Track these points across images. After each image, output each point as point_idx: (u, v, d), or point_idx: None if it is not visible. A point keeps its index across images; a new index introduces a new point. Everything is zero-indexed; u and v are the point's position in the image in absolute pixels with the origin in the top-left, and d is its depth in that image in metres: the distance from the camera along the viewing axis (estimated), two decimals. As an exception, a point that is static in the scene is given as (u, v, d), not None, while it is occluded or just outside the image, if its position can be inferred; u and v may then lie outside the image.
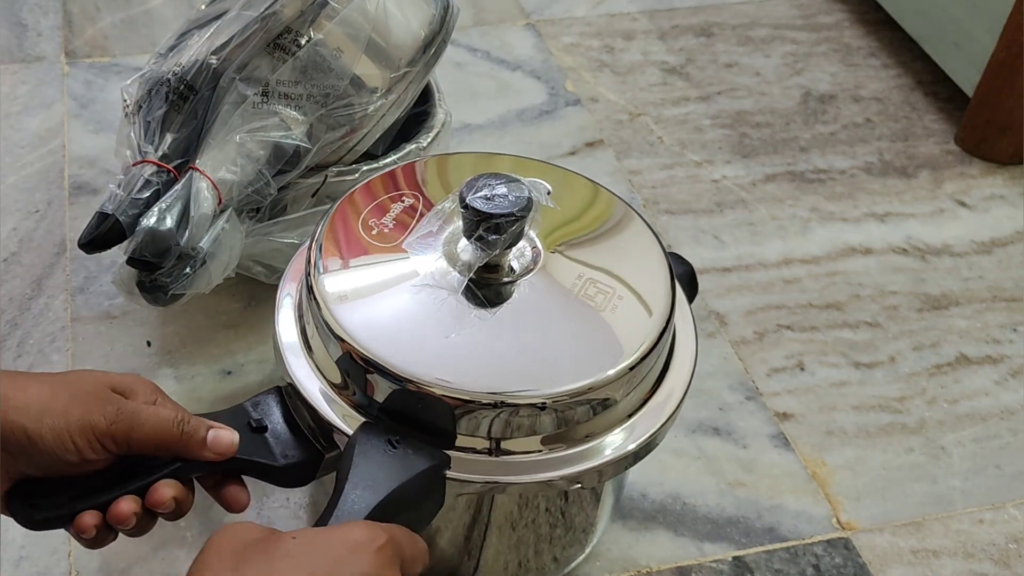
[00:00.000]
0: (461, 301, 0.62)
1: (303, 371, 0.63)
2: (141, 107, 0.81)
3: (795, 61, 1.25)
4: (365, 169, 0.83)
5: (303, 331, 0.65)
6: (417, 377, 0.58)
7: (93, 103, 1.11)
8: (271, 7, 0.79)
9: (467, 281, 0.62)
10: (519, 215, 0.61)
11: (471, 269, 0.62)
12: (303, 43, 0.79)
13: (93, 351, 0.87)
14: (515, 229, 0.61)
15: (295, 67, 0.79)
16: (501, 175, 0.62)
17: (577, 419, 0.60)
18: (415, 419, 0.59)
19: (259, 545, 0.50)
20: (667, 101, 1.18)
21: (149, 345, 0.88)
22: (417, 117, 0.89)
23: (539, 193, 0.62)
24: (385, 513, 0.55)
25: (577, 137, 1.12)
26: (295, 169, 0.81)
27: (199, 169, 0.78)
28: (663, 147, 1.12)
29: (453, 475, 0.59)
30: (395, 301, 0.63)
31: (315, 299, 0.62)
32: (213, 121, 0.79)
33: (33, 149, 1.05)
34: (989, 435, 0.87)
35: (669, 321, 0.63)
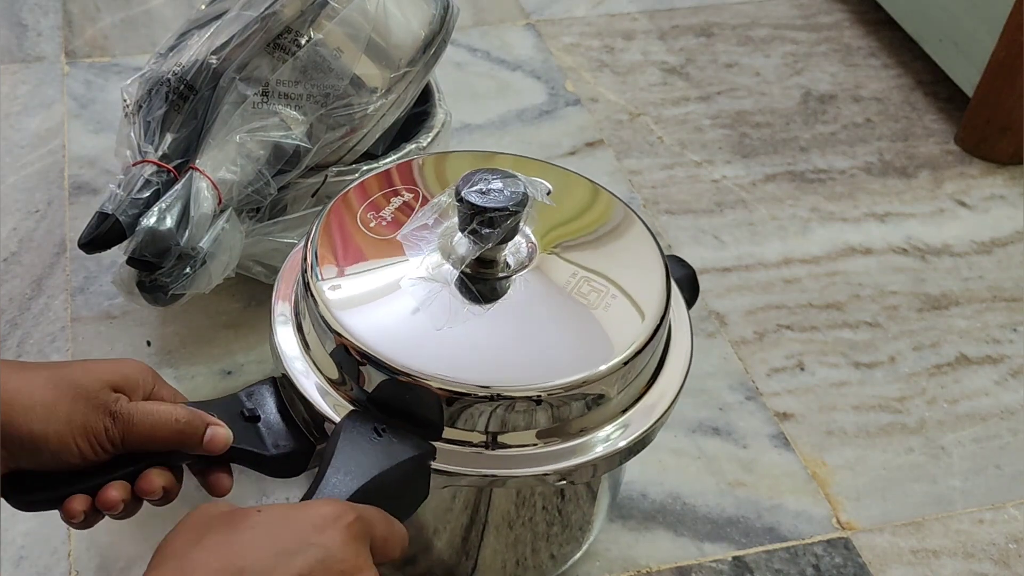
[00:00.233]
0: (454, 294, 0.62)
1: (298, 364, 0.63)
2: (141, 107, 0.81)
3: (795, 61, 1.25)
4: (365, 169, 0.83)
5: (299, 327, 0.65)
6: (404, 367, 0.58)
7: (93, 103, 1.11)
8: (271, 7, 0.79)
9: (459, 274, 0.62)
10: (513, 210, 0.61)
11: (464, 262, 0.62)
12: (303, 43, 0.79)
13: (93, 351, 0.87)
14: (509, 224, 0.61)
15: (295, 67, 0.79)
16: (498, 171, 0.63)
17: (569, 415, 0.60)
18: (402, 409, 0.59)
19: (224, 517, 0.50)
20: (667, 101, 1.18)
21: (149, 345, 0.88)
22: (417, 117, 0.89)
23: (536, 190, 0.63)
24: (365, 499, 0.55)
25: (577, 137, 1.12)
26: (295, 169, 0.81)
27: (199, 169, 0.78)
28: (663, 147, 1.12)
29: (439, 466, 0.59)
30: (388, 293, 0.63)
31: (310, 291, 0.62)
32: (213, 121, 0.79)
33: (33, 149, 1.05)
34: (989, 435, 0.87)
35: (663, 319, 0.63)
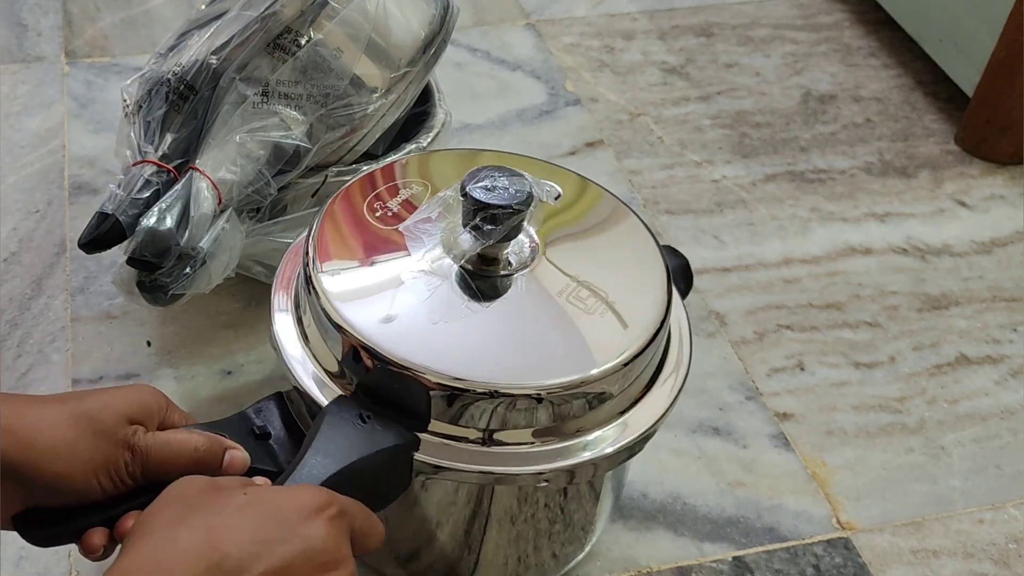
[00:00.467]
0: (454, 289, 0.62)
1: (296, 353, 0.64)
2: (141, 107, 0.81)
3: (795, 61, 1.25)
4: (365, 169, 0.83)
5: (299, 319, 0.65)
6: (395, 356, 0.58)
7: (93, 103, 1.11)
8: (271, 7, 0.79)
9: (460, 269, 0.62)
10: (517, 208, 0.61)
11: (465, 257, 0.62)
12: (303, 43, 0.79)
13: (93, 351, 0.87)
14: (512, 222, 0.61)
15: (295, 67, 0.79)
16: (505, 168, 0.63)
17: (565, 415, 0.60)
18: (390, 399, 0.59)
19: (208, 495, 0.50)
20: (667, 101, 1.18)
21: (149, 345, 0.88)
22: (417, 117, 0.89)
23: (541, 190, 0.63)
24: (342, 484, 0.55)
25: (577, 137, 1.12)
26: (295, 169, 0.81)
27: (199, 169, 0.78)
28: (663, 147, 1.12)
29: (421, 458, 0.59)
30: (388, 285, 0.63)
31: (309, 281, 0.63)
32: (213, 121, 0.79)
33: (33, 149, 1.05)
34: (989, 435, 0.87)
35: (663, 323, 0.63)
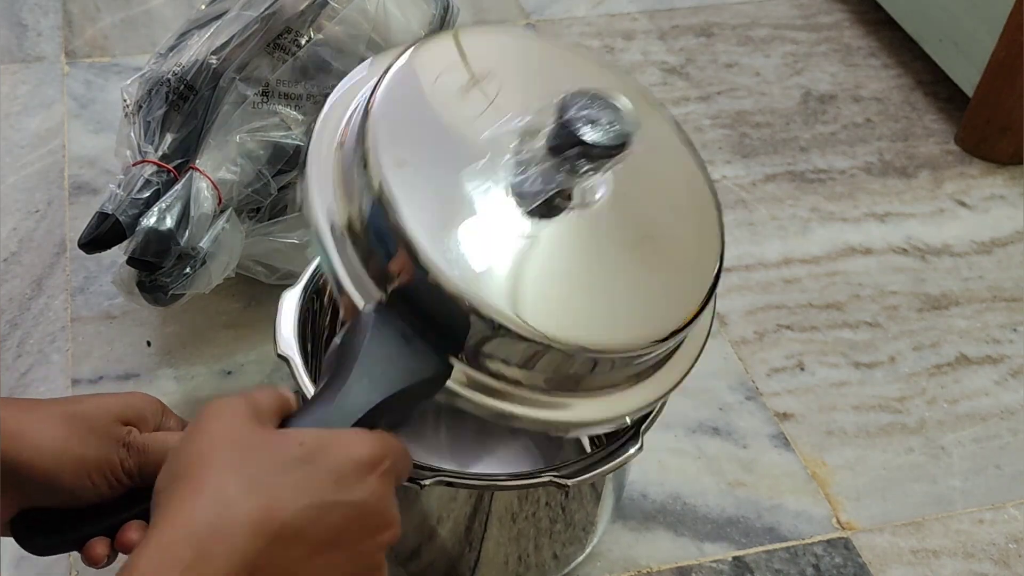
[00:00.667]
0: (518, 213, 0.56)
1: (331, 243, 0.56)
2: (141, 107, 0.81)
3: (795, 61, 1.25)
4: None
5: (345, 194, 0.57)
6: (449, 276, 0.52)
7: (93, 103, 1.11)
8: (271, 7, 0.79)
9: (535, 195, 0.55)
10: (613, 152, 0.54)
11: (546, 190, 0.55)
12: (303, 43, 0.79)
13: (93, 351, 0.87)
14: (608, 164, 0.55)
15: (295, 67, 0.79)
16: (610, 100, 0.55)
17: (592, 370, 0.56)
18: (430, 318, 0.53)
19: (264, 444, 0.47)
20: (667, 101, 1.18)
21: (149, 345, 0.88)
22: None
23: (643, 133, 0.56)
24: (376, 414, 0.50)
25: (577, 137, 1.12)
26: (295, 169, 0.81)
27: (199, 169, 0.78)
28: (663, 147, 1.12)
29: (454, 388, 0.54)
30: (453, 193, 0.56)
31: (367, 165, 0.54)
32: (213, 121, 0.79)
33: (33, 149, 1.05)
34: (989, 435, 0.87)
35: (712, 293, 0.59)
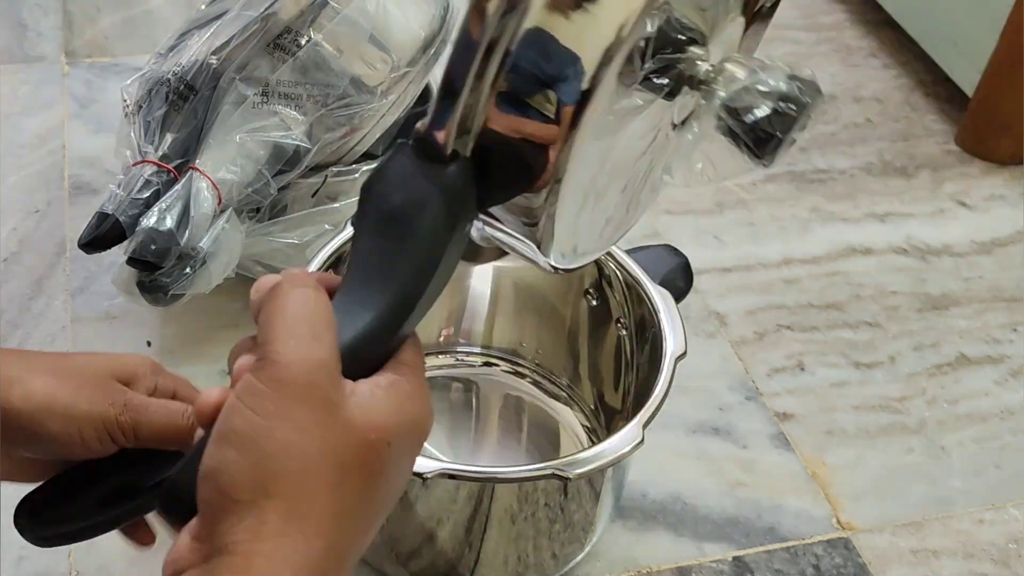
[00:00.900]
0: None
1: None
2: (141, 107, 0.81)
3: (795, 61, 1.25)
4: (365, 169, 0.83)
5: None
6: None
7: (93, 103, 1.11)
8: (271, 7, 0.79)
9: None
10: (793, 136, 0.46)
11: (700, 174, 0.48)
12: (303, 43, 0.79)
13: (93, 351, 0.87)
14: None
15: (295, 67, 0.79)
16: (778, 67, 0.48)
17: None
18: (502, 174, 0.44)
19: (357, 453, 0.42)
20: (667, 101, 1.18)
21: (149, 345, 0.88)
22: (417, 117, 0.89)
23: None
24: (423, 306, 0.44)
25: (577, 137, 1.12)
26: (295, 169, 0.81)
27: (199, 169, 0.78)
28: (663, 147, 1.12)
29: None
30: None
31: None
32: (213, 121, 0.79)
33: (33, 149, 1.05)
34: (989, 435, 0.87)
35: None
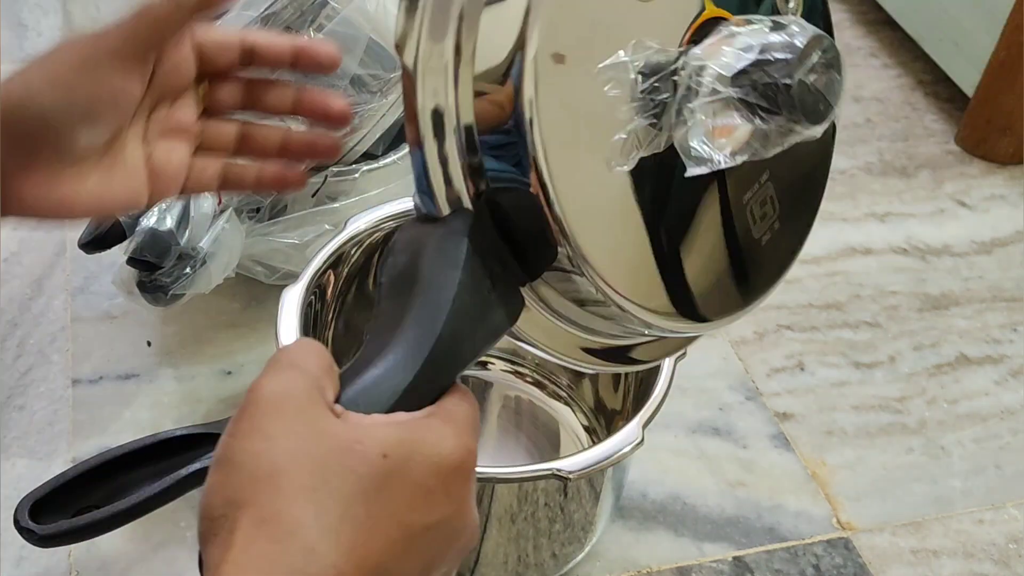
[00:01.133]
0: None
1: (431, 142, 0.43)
2: (141, 107, 0.81)
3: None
4: (365, 169, 0.83)
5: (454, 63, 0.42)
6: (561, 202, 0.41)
7: (93, 103, 1.11)
8: (271, 7, 0.79)
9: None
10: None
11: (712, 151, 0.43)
12: (303, 43, 0.79)
13: (93, 351, 0.87)
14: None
15: (295, 67, 0.79)
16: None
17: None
18: (520, 234, 0.42)
19: (341, 457, 0.35)
20: (667, 101, 1.18)
21: (149, 345, 0.88)
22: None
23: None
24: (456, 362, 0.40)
25: (577, 137, 1.12)
26: (295, 169, 0.81)
27: (199, 169, 0.77)
28: (663, 147, 1.12)
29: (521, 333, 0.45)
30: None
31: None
32: (213, 121, 0.79)
33: (33, 149, 1.05)
34: (989, 435, 0.87)
35: None
